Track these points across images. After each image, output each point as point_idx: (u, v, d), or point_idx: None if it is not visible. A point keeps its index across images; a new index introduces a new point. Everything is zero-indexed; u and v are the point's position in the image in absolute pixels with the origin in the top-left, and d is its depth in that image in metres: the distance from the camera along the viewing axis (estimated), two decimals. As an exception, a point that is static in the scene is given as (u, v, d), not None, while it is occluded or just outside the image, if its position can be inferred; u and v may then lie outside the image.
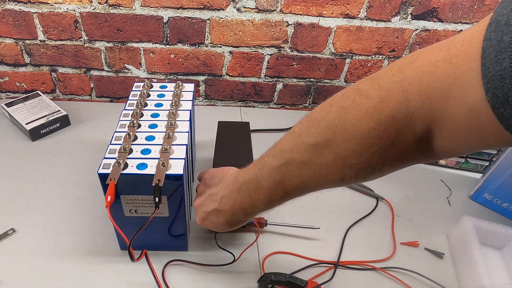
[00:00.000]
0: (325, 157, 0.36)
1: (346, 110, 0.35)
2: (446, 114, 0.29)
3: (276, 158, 0.41)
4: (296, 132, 0.40)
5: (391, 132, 0.32)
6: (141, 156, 0.50)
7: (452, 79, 0.28)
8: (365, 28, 0.89)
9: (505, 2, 0.25)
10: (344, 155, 0.35)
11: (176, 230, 0.58)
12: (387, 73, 0.34)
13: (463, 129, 0.29)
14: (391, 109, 0.31)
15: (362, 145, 0.33)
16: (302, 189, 0.41)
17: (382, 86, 0.33)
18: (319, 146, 0.36)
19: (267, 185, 0.42)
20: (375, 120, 0.32)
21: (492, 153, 0.84)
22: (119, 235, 0.59)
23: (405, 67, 0.32)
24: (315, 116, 0.38)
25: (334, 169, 0.36)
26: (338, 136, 0.35)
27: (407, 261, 0.64)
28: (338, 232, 0.69)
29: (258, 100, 1.04)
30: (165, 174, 0.48)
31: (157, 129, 0.56)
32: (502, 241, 0.67)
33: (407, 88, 0.31)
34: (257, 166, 0.44)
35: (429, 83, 0.29)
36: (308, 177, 0.39)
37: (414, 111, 0.31)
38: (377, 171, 0.36)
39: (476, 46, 0.26)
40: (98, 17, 0.85)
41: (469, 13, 0.87)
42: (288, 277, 0.55)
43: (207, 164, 0.81)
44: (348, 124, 0.34)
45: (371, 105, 0.33)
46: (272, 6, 0.85)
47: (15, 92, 0.98)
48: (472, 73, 0.26)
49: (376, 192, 0.78)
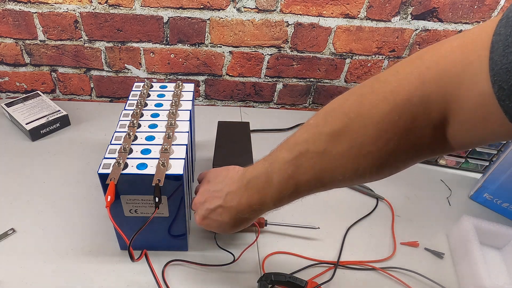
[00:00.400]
0: (341, 145, 0.36)
1: (364, 96, 0.35)
2: (458, 100, 0.29)
3: (289, 151, 0.40)
4: (312, 123, 0.39)
5: (407, 117, 0.32)
6: (141, 156, 0.50)
7: (465, 65, 0.28)
8: (365, 28, 0.89)
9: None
10: (360, 142, 0.35)
11: (176, 230, 0.58)
12: (407, 61, 0.34)
13: (473, 117, 0.29)
14: (407, 92, 0.32)
15: (378, 130, 0.33)
16: (315, 183, 0.39)
17: (400, 71, 0.33)
18: (335, 134, 0.36)
19: (278, 179, 0.41)
20: (391, 104, 0.32)
21: (492, 153, 0.84)
22: (119, 235, 0.59)
23: (424, 54, 0.33)
24: (332, 107, 0.38)
25: (349, 159, 0.36)
26: (354, 122, 0.35)
27: (407, 261, 0.64)
28: (338, 232, 0.69)
29: (258, 100, 1.04)
30: (165, 174, 0.48)
31: (157, 129, 0.56)
32: (502, 241, 0.67)
33: (424, 72, 0.31)
34: (267, 160, 0.43)
35: (445, 67, 0.30)
36: (322, 169, 0.38)
37: (429, 95, 0.31)
38: (392, 162, 0.35)
39: (487, 39, 0.27)
40: (98, 17, 0.85)
41: (469, 13, 0.87)
42: (288, 277, 0.55)
43: (207, 164, 0.81)
44: (364, 109, 0.34)
45: (388, 89, 0.33)
46: (272, 6, 0.85)
47: (15, 92, 0.98)
48: (482, 62, 0.27)
49: (376, 192, 0.78)
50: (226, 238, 0.65)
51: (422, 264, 0.64)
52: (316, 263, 0.62)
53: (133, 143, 0.53)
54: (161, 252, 0.61)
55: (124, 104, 0.61)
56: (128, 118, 0.57)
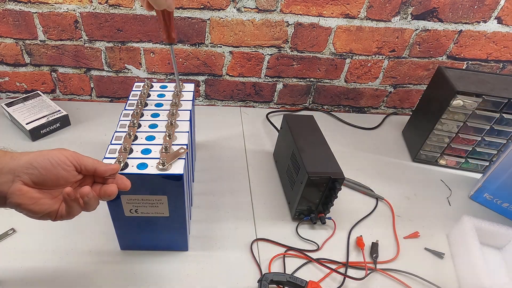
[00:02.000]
0: None
1: None
2: None
3: None
4: None
5: None
6: (142, 156, 0.50)
7: None
8: (365, 28, 0.89)
9: None
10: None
11: (176, 230, 0.58)
12: None
13: None
14: None
15: None
16: None
17: None
18: None
19: None
20: None
21: (492, 153, 0.84)
22: (119, 235, 0.59)
23: None
24: None
25: None
26: None
27: (407, 261, 0.64)
28: (338, 232, 0.69)
29: (258, 100, 1.04)
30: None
31: (157, 129, 0.56)
32: (502, 241, 0.67)
33: None
34: None
35: None
36: None
37: None
38: None
39: None
40: (98, 17, 0.85)
41: (469, 13, 0.87)
42: (288, 277, 0.55)
43: (207, 164, 0.81)
44: None
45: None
46: (272, 6, 0.85)
47: (15, 92, 0.98)
48: None
49: (376, 192, 0.78)
50: (228, 238, 0.65)
51: (422, 264, 0.64)
52: (316, 263, 0.62)
53: (134, 143, 0.53)
54: (161, 252, 0.61)
55: (124, 104, 0.61)
56: (128, 118, 0.57)
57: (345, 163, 0.66)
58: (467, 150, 0.84)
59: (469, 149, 0.84)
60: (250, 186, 0.77)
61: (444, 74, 0.81)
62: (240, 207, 0.72)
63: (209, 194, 0.74)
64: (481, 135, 0.80)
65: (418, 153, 0.87)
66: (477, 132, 0.80)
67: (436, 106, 0.81)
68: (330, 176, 0.62)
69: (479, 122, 0.78)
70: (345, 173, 0.63)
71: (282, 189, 0.77)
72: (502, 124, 0.78)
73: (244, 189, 0.76)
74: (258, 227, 0.68)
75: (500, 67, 0.98)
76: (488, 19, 0.88)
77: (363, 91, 1.03)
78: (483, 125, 0.79)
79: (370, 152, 0.90)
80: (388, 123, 1.03)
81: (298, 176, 0.66)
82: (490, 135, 0.80)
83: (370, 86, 1.02)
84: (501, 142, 0.80)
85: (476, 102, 0.75)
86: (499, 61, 0.97)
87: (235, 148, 0.87)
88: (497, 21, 0.88)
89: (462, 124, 0.79)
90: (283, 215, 0.71)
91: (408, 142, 0.94)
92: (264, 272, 0.59)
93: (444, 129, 0.81)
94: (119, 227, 0.57)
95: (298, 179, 0.66)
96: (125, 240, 0.60)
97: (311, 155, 0.66)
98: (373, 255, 0.64)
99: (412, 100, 1.06)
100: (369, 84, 1.01)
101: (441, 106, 0.79)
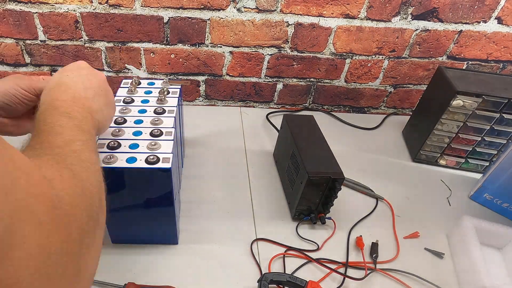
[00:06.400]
0: None
1: None
2: None
3: None
4: None
5: None
6: (129, 151, 0.51)
7: None
8: (365, 28, 0.89)
9: None
10: None
11: (165, 224, 0.59)
12: None
13: None
14: None
15: None
16: None
17: None
18: None
19: None
20: None
21: (492, 153, 0.84)
22: (111, 228, 0.59)
23: None
24: None
25: None
26: None
27: (407, 261, 0.64)
28: (338, 232, 0.69)
29: (258, 100, 1.04)
30: None
31: (143, 125, 0.56)
32: (502, 241, 0.67)
33: None
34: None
35: None
36: None
37: None
38: None
39: None
40: (98, 17, 0.85)
41: (469, 13, 0.87)
42: (288, 277, 0.56)
43: (207, 164, 0.81)
44: None
45: None
46: (272, 6, 0.85)
47: (15, 92, 0.98)
48: None
49: (376, 192, 0.78)
50: (225, 236, 0.65)
51: (422, 264, 0.64)
52: (316, 263, 0.62)
53: (121, 138, 0.53)
54: (156, 250, 0.61)
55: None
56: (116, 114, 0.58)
57: (345, 163, 0.66)
58: (467, 150, 0.84)
59: (469, 149, 0.84)
60: (250, 186, 0.77)
61: (444, 74, 0.81)
62: (240, 207, 0.72)
63: (209, 193, 0.74)
64: (481, 135, 0.80)
65: (418, 153, 0.87)
66: (477, 132, 0.80)
67: (436, 106, 0.81)
68: (330, 176, 0.62)
69: (479, 122, 0.78)
70: (345, 173, 0.63)
71: (282, 189, 0.77)
72: (502, 124, 0.78)
73: (244, 189, 0.76)
74: (258, 227, 0.68)
75: (500, 67, 0.98)
76: (488, 19, 0.88)
77: (363, 91, 1.03)
78: (483, 125, 0.79)
79: (370, 152, 0.90)
80: (388, 123, 1.03)
81: (298, 176, 0.66)
82: (490, 135, 0.80)
83: (370, 86, 1.02)
84: (501, 142, 0.80)
85: (476, 102, 0.75)
86: (499, 61, 0.97)
87: (235, 148, 0.87)
88: (497, 21, 0.88)
89: (462, 124, 0.79)
90: (283, 215, 0.71)
91: (408, 142, 0.94)
92: (264, 272, 0.59)
93: (444, 129, 0.81)
94: (109, 221, 0.57)
95: (298, 179, 0.66)
96: (117, 233, 0.61)
97: (311, 155, 0.66)
98: (373, 255, 0.64)
99: (412, 100, 1.06)
100: (369, 84, 1.01)
101: (441, 106, 0.79)
